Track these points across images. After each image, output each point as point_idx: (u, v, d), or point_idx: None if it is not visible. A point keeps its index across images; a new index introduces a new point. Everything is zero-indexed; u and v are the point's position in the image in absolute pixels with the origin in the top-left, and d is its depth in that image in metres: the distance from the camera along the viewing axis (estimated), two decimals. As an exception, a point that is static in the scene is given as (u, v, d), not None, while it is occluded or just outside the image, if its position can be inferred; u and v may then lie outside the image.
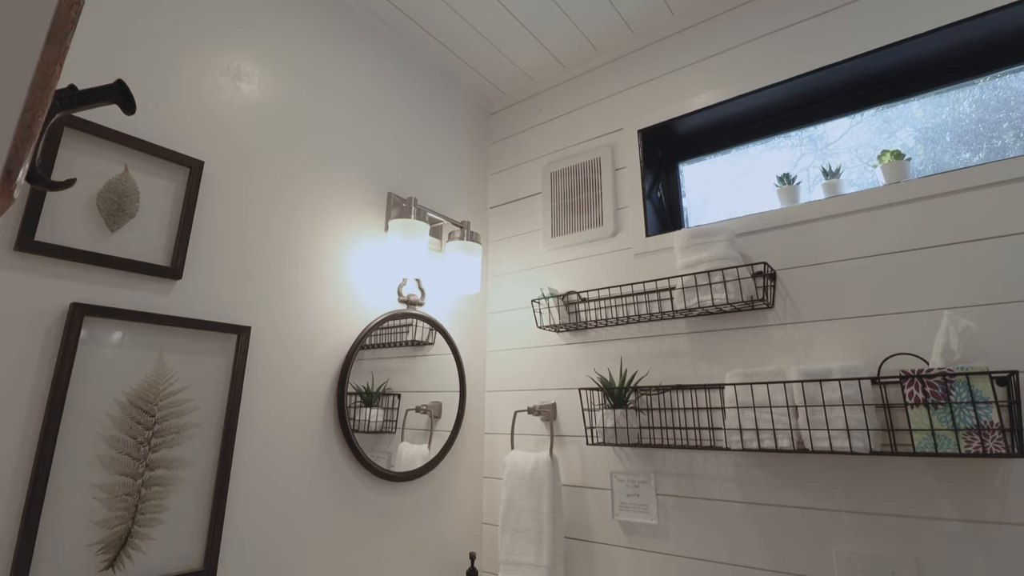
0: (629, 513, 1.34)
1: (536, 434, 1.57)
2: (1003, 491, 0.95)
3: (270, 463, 1.16)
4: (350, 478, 1.30)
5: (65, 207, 0.94)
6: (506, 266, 1.79)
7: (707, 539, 1.22)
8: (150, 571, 0.95)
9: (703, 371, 1.31)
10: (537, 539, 1.36)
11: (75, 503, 0.88)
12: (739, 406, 1.14)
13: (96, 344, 0.94)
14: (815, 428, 1.05)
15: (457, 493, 1.57)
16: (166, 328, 1.03)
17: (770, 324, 1.24)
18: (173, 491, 1.00)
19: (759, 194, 1.47)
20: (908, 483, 1.03)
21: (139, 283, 1.01)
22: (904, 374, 0.98)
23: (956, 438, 0.92)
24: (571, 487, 1.46)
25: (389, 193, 1.55)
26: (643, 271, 1.48)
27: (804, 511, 1.12)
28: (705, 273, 1.26)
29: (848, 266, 1.17)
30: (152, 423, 0.99)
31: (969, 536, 0.96)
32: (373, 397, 1.39)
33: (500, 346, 1.73)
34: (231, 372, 1.11)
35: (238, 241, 1.18)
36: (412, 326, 1.53)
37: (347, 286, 1.39)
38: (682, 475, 1.29)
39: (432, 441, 1.52)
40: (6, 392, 0.85)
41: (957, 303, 1.04)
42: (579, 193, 1.66)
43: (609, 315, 1.47)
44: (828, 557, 1.08)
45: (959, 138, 1.21)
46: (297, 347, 1.25)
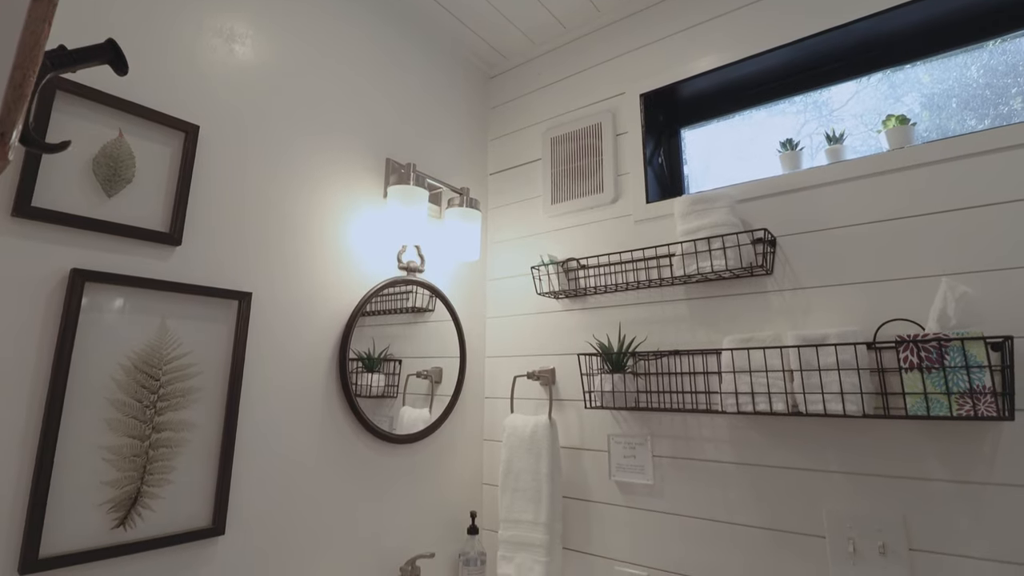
0: (626, 474, 1.38)
1: (535, 398, 1.59)
2: (991, 453, 0.97)
3: (275, 426, 1.18)
4: (353, 441, 1.33)
5: (61, 172, 0.93)
6: (506, 233, 1.78)
7: (701, 498, 1.26)
8: (160, 529, 0.98)
9: (701, 336, 1.33)
10: (536, 498, 1.39)
11: (84, 464, 0.91)
12: (735, 370, 1.16)
13: (98, 310, 0.95)
14: (810, 392, 1.06)
15: (458, 455, 1.60)
16: (167, 294, 1.04)
17: (768, 290, 1.25)
18: (180, 453, 1.02)
19: (761, 161, 1.45)
20: (899, 445, 1.05)
21: (138, 249, 1.01)
22: (900, 339, 0.99)
23: (948, 401, 0.94)
24: (569, 449, 1.49)
25: (387, 159, 1.53)
26: (643, 238, 1.47)
27: (796, 471, 1.15)
28: (705, 240, 1.26)
29: (848, 232, 1.17)
30: (157, 387, 1.00)
31: (956, 496, 0.99)
32: (374, 363, 1.41)
33: (500, 312, 1.74)
34: (233, 337, 1.12)
35: (237, 207, 1.17)
36: (412, 293, 1.54)
37: (347, 253, 1.39)
38: (678, 437, 1.32)
39: (433, 405, 1.54)
40: (11, 356, 0.86)
41: (956, 269, 1.05)
42: (579, 159, 1.64)
43: (608, 282, 1.48)
44: (819, 515, 1.11)
45: (965, 104, 1.19)
46: (298, 313, 1.26)
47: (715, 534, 1.23)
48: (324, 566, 1.23)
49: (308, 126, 1.34)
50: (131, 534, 0.95)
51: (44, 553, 0.85)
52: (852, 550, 1.06)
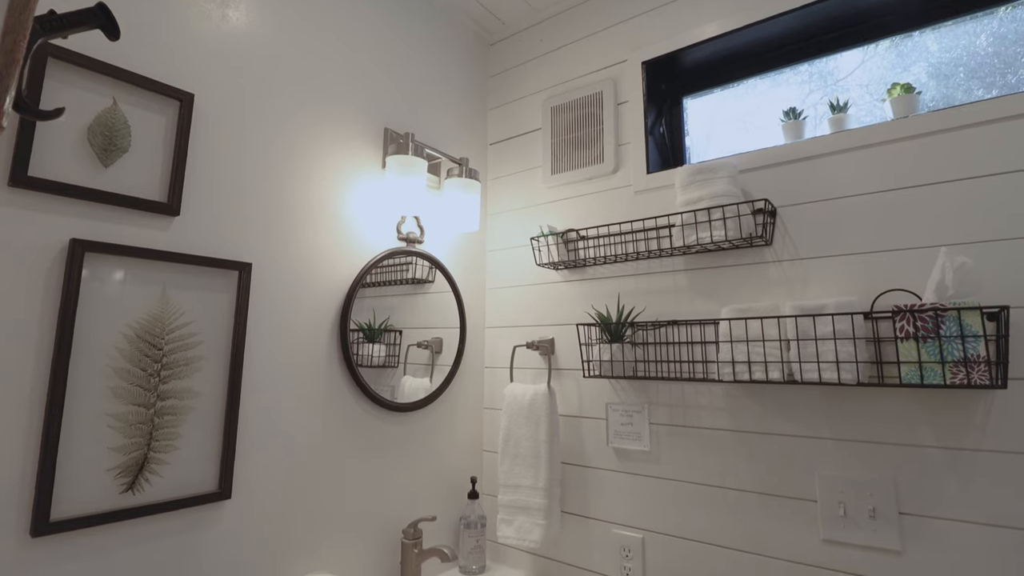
0: (623, 440, 1.40)
1: (534, 368, 1.61)
2: (983, 420, 0.99)
3: (278, 394, 1.20)
4: (355, 409, 1.35)
5: (56, 142, 0.93)
6: (505, 204, 1.78)
7: (696, 464, 1.29)
8: (168, 493, 1.00)
9: (699, 307, 1.33)
10: (535, 464, 1.42)
11: (91, 431, 0.92)
12: (732, 340, 1.17)
13: (99, 280, 0.95)
14: (806, 361, 1.08)
15: (458, 423, 1.63)
16: (167, 264, 1.04)
17: (767, 261, 1.25)
18: (185, 420, 1.04)
19: (764, 132, 1.44)
20: (892, 412, 1.07)
21: (137, 219, 1.01)
22: (897, 309, 1.00)
23: (942, 370, 0.95)
24: (567, 417, 1.52)
25: (385, 128, 1.51)
26: (643, 208, 1.47)
27: (790, 438, 1.17)
28: (705, 210, 1.25)
29: (849, 203, 1.16)
30: (160, 356, 1.01)
31: (947, 462, 1.01)
32: (375, 333, 1.42)
33: (499, 284, 1.75)
34: (235, 307, 1.13)
35: (235, 177, 1.16)
36: (412, 264, 1.54)
37: (346, 223, 1.38)
38: (675, 405, 1.34)
39: (434, 375, 1.56)
40: (14, 325, 0.87)
41: (956, 240, 1.05)
42: (580, 129, 1.62)
43: (608, 253, 1.48)
44: (811, 480, 1.14)
45: (973, 73, 1.17)
46: (298, 284, 1.26)
47: (710, 498, 1.26)
48: (329, 528, 1.26)
49: (304, 94, 1.32)
50: (140, 498, 0.97)
51: (55, 516, 0.87)
52: (843, 513, 1.09)
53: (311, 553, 1.22)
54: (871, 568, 1.05)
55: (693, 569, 1.26)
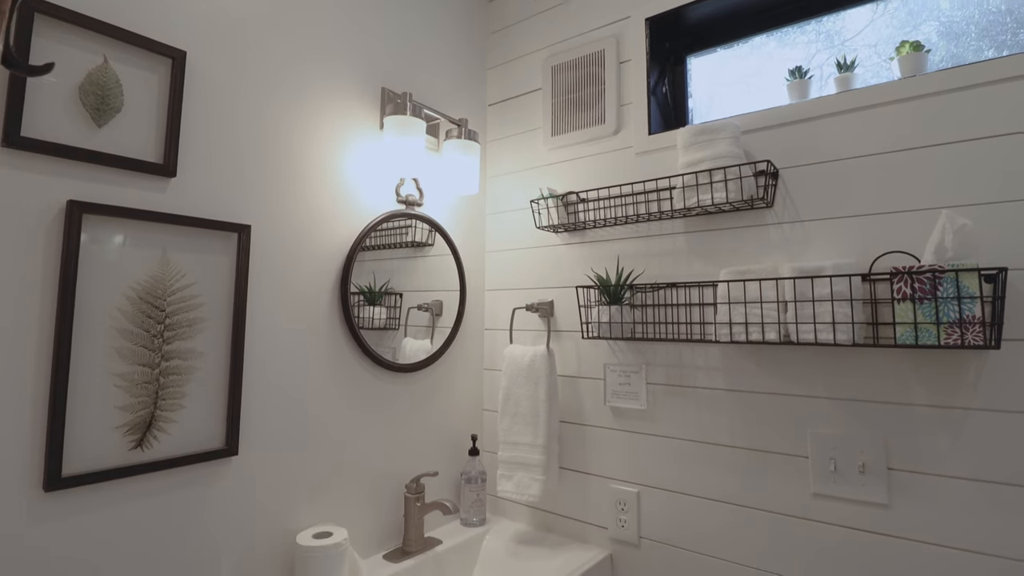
0: (620, 400, 1.43)
1: (534, 329, 1.63)
2: (975, 380, 1.01)
3: (281, 355, 1.21)
4: (358, 369, 1.37)
5: (48, 102, 0.91)
6: (505, 166, 1.76)
7: (691, 422, 1.31)
8: (176, 450, 1.03)
9: (698, 269, 1.34)
10: (534, 422, 1.46)
11: (98, 390, 0.94)
12: (731, 302, 1.18)
13: (98, 242, 0.95)
14: (802, 322, 1.09)
15: (459, 383, 1.66)
16: (166, 226, 1.04)
17: (768, 223, 1.25)
18: (190, 380, 1.06)
19: (768, 94, 1.41)
20: (885, 372, 1.09)
21: (133, 181, 1.01)
22: (895, 271, 1.00)
23: (937, 331, 0.96)
24: (566, 377, 1.54)
25: (383, 88, 1.48)
26: (644, 170, 1.45)
27: (784, 397, 1.19)
28: (706, 172, 1.24)
29: (852, 164, 1.15)
30: (163, 317, 1.02)
31: (937, 420, 1.03)
32: (376, 296, 1.43)
33: (499, 246, 1.75)
34: (235, 269, 1.13)
35: (231, 138, 1.15)
36: (411, 227, 1.54)
37: (344, 185, 1.37)
38: (672, 366, 1.36)
39: (434, 337, 1.58)
40: (18, 287, 0.87)
41: (958, 202, 1.04)
42: (581, 89, 1.59)
43: (608, 215, 1.47)
44: (803, 437, 1.16)
45: (984, 32, 1.14)
46: (298, 246, 1.26)
47: (703, 454, 1.29)
48: (334, 483, 1.30)
49: (299, 53, 1.29)
50: (148, 454, 1.00)
51: (67, 472, 0.90)
52: (833, 469, 1.12)
53: (317, 506, 1.26)
54: (858, 521, 1.09)
55: (686, 521, 1.30)
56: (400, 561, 1.32)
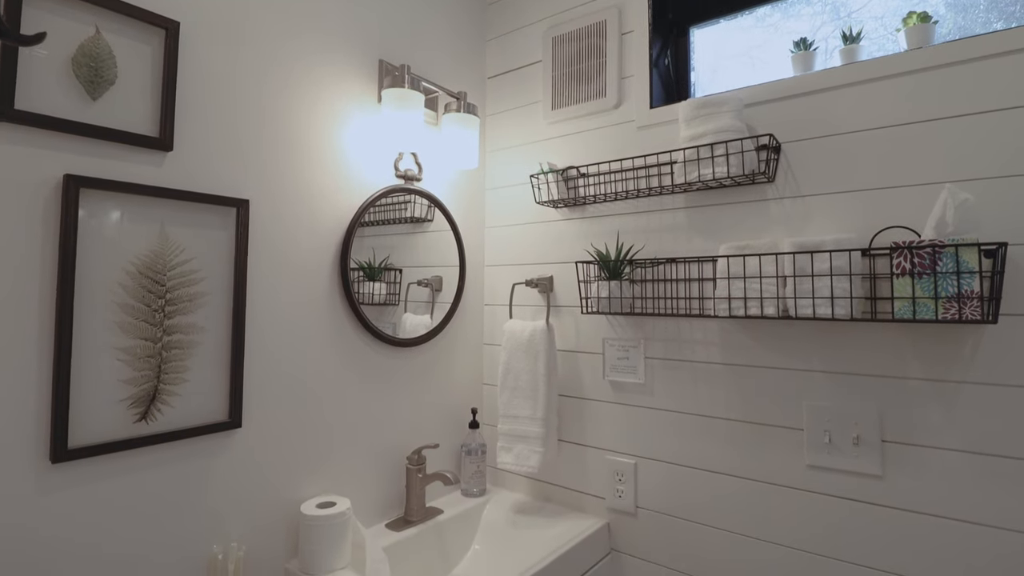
0: (618, 374, 1.45)
1: (533, 305, 1.63)
2: (971, 355, 1.02)
3: (282, 330, 1.22)
4: (359, 344, 1.38)
5: (41, 74, 0.90)
6: (504, 141, 1.74)
7: (689, 395, 1.33)
8: (180, 422, 1.05)
9: (698, 244, 1.34)
10: (533, 395, 1.47)
11: (101, 364, 0.95)
12: (730, 277, 1.18)
13: (96, 217, 0.95)
14: (801, 296, 1.09)
15: (459, 357, 1.67)
16: (164, 201, 1.03)
17: (769, 198, 1.24)
18: (193, 354, 1.07)
19: (771, 67, 1.38)
20: (882, 347, 1.09)
21: (130, 155, 1.00)
22: (895, 245, 1.00)
23: (935, 305, 0.96)
24: (565, 352, 1.55)
25: (380, 60, 1.46)
26: (645, 145, 1.44)
27: (781, 371, 1.20)
28: (708, 146, 1.23)
29: (855, 138, 1.14)
30: (163, 292, 1.03)
31: (931, 393, 1.04)
32: (375, 272, 1.43)
33: (499, 222, 1.74)
34: (234, 245, 1.13)
35: (227, 112, 1.14)
36: (411, 203, 1.53)
37: (343, 160, 1.36)
38: (670, 340, 1.37)
39: (434, 312, 1.59)
40: (16, 263, 0.87)
41: (960, 176, 1.03)
42: (582, 61, 1.56)
43: (608, 190, 1.46)
44: (798, 410, 1.18)
45: (993, 3, 1.11)
46: (297, 221, 1.26)
47: (700, 427, 1.31)
48: (336, 455, 1.32)
49: (294, 24, 1.26)
50: (154, 427, 1.01)
51: (73, 444, 0.91)
52: (828, 441, 1.13)
53: (320, 477, 1.29)
54: (851, 491, 1.11)
55: (682, 491, 1.33)
56: (402, 530, 1.36)
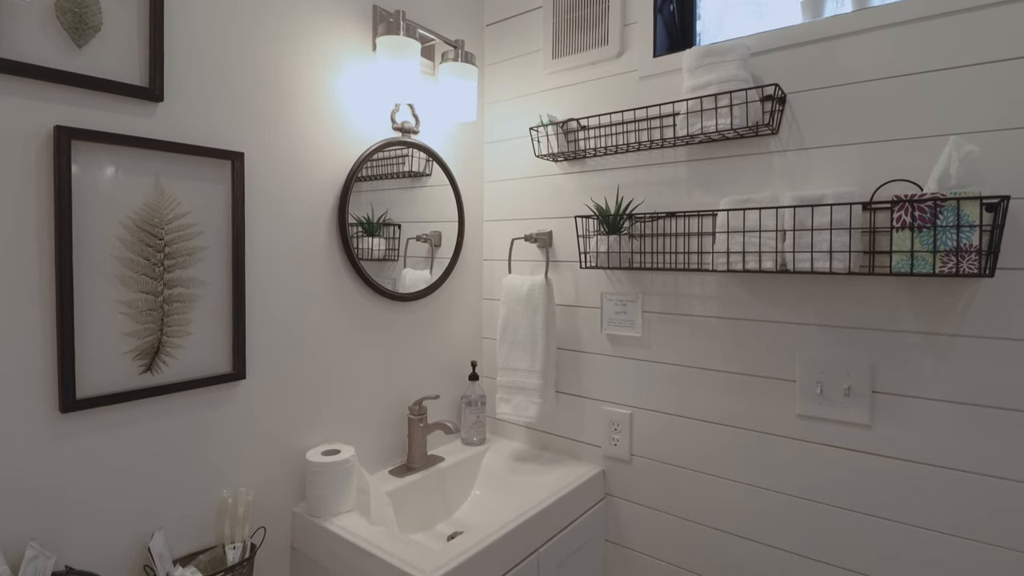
0: (616, 328, 1.46)
1: (532, 260, 1.64)
2: (965, 308, 1.02)
3: (282, 284, 1.23)
4: (359, 298, 1.40)
5: (24, 21, 0.87)
6: (503, 92, 1.70)
7: (685, 348, 1.35)
8: (185, 374, 1.07)
9: (698, 198, 1.32)
10: (532, 349, 1.50)
11: (104, 317, 0.96)
12: (729, 231, 1.17)
13: (89, 170, 0.94)
14: (799, 250, 1.09)
15: (458, 312, 1.69)
16: (157, 153, 1.02)
17: (772, 151, 1.22)
18: (194, 307, 1.08)
19: (779, 16, 1.33)
20: (877, 300, 1.10)
21: (120, 105, 0.98)
22: (896, 199, 0.99)
23: (933, 259, 0.96)
24: (564, 306, 1.57)
25: (374, 5, 1.41)
26: (647, 96, 1.40)
27: (776, 324, 1.22)
28: (712, 97, 1.20)
29: (861, 89, 1.11)
30: (162, 246, 1.03)
31: (924, 346, 1.06)
32: (374, 227, 1.43)
33: (498, 176, 1.72)
34: (231, 198, 1.12)
35: (218, 61, 1.11)
36: (408, 156, 1.51)
37: (338, 111, 1.34)
38: (668, 295, 1.38)
39: (434, 267, 1.59)
40: (12, 216, 0.87)
41: (967, 128, 1.01)
42: (583, 7, 1.51)
43: (608, 143, 1.44)
44: (792, 361, 1.20)
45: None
46: (294, 175, 1.25)
47: (695, 379, 1.33)
48: (340, 405, 1.36)
49: (284, -36, 1.21)
50: (159, 378, 1.03)
51: (81, 395, 0.94)
52: (819, 392, 1.16)
53: (324, 426, 1.32)
54: (840, 439, 1.14)
55: (676, 440, 1.37)
56: (405, 476, 1.40)
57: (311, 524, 1.20)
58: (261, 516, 1.20)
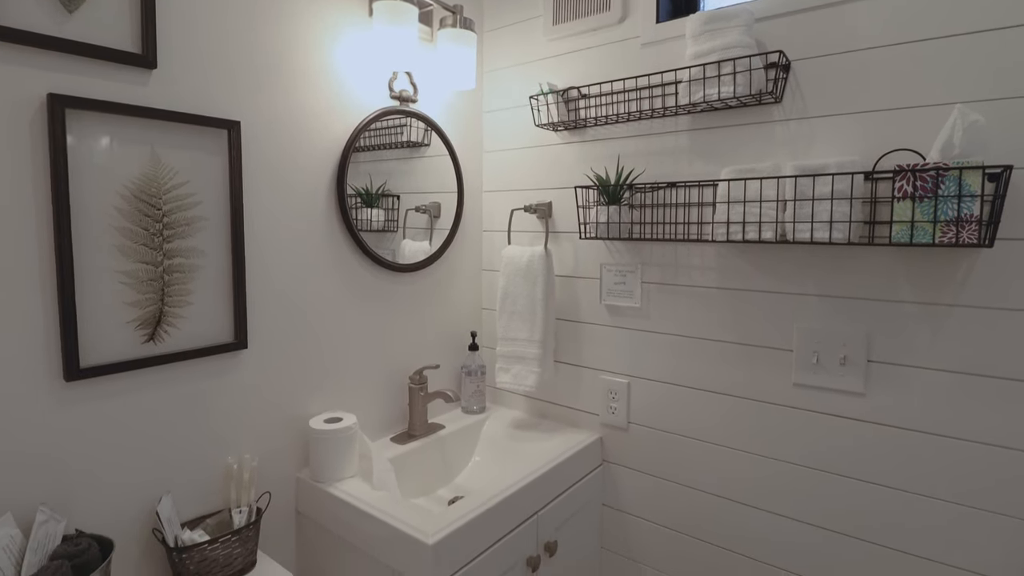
0: (615, 298, 1.47)
1: (532, 231, 1.63)
2: (964, 278, 1.03)
3: (282, 255, 1.23)
4: (358, 269, 1.40)
5: (10, -18, 0.85)
6: (503, 60, 1.67)
7: (684, 319, 1.36)
8: (187, 343, 1.08)
9: (699, 168, 1.31)
10: (531, 319, 1.51)
11: (105, 287, 0.96)
12: (730, 201, 1.17)
13: (84, 140, 0.93)
14: (800, 220, 1.09)
15: (458, 283, 1.69)
16: (153, 122, 1.01)
17: (775, 120, 1.21)
18: (194, 277, 1.08)
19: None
20: (876, 271, 1.11)
21: (113, 73, 0.96)
22: (899, 168, 0.98)
23: (933, 229, 0.96)
24: (563, 277, 1.57)
25: (370, -32, 1.37)
26: (650, 63, 1.38)
27: (775, 295, 1.22)
28: (715, 64, 1.18)
29: (867, 56, 1.09)
30: (160, 216, 1.03)
31: (921, 316, 1.07)
32: (373, 198, 1.42)
33: (497, 146, 1.70)
34: (228, 168, 1.12)
35: (212, 27, 1.08)
36: (407, 126, 1.49)
37: (335, 79, 1.31)
38: (667, 265, 1.38)
39: (433, 238, 1.59)
40: (8, 185, 0.87)
41: (973, 97, 1.00)
42: (585, -31, 1.47)
43: (609, 112, 1.42)
44: (789, 332, 1.21)
45: None
46: (291, 144, 1.24)
47: (692, 349, 1.35)
48: (342, 375, 1.37)
49: (276, -75, 1.18)
50: (162, 348, 1.04)
51: (84, 364, 0.95)
52: (816, 361, 1.17)
53: (327, 395, 1.34)
54: (834, 407, 1.16)
55: (672, 408, 1.39)
56: (406, 443, 1.43)
57: (315, 489, 1.23)
58: (266, 482, 1.22)
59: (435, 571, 1.02)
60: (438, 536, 1.02)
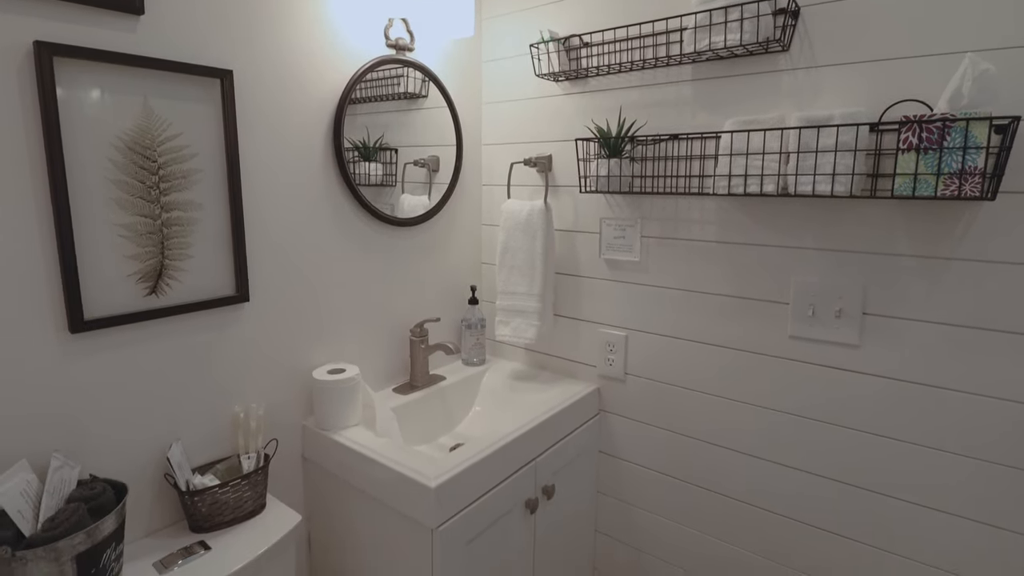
0: (614, 252, 1.47)
1: (532, 184, 1.62)
2: (963, 232, 1.02)
3: (279, 208, 1.23)
4: (357, 223, 1.40)
5: (-14, -82, 0.81)
6: (502, 5, 1.61)
7: (682, 272, 1.37)
8: (189, 296, 1.09)
9: (702, 120, 1.29)
10: (530, 273, 1.51)
11: (104, 240, 0.96)
12: (732, 153, 1.15)
13: (74, 90, 0.91)
14: (802, 173, 1.07)
15: (457, 237, 1.69)
16: (143, 71, 0.98)
17: (781, 69, 1.18)
18: (193, 231, 1.08)
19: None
20: (875, 223, 1.10)
21: (99, 19, 0.93)
22: (905, 119, 0.96)
23: (936, 182, 0.95)
24: (563, 231, 1.57)
25: (362, -96, 1.31)
26: (654, 9, 1.33)
27: (773, 248, 1.22)
28: (722, 10, 1.14)
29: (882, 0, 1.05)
30: (156, 168, 1.02)
31: (918, 269, 1.07)
32: (371, 152, 1.40)
33: (496, 97, 1.66)
34: (222, 118, 1.10)
35: (197, -34, 1.04)
36: (404, 77, 1.45)
37: (329, 26, 1.27)
38: (667, 219, 1.37)
39: (432, 192, 1.57)
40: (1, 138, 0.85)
41: (984, 45, 0.97)
42: (589, -94, 1.40)
43: (612, 61, 1.38)
44: (786, 285, 1.22)
45: None
46: (286, 94, 1.21)
47: (690, 302, 1.36)
48: (343, 327, 1.39)
49: None
50: (164, 300, 1.05)
51: (88, 316, 0.96)
52: (811, 314, 1.18)
53: (329, 347, 1.36)
54: (828, 359, 1.18)
55: (669, 360, 1.41)
56: (408, 393, 1.47)
57: (320, 436, 1.27)
58: (273, 430, 1.26)
59: (438, 512, 1.06)
60: (440, 480, 1.06)
